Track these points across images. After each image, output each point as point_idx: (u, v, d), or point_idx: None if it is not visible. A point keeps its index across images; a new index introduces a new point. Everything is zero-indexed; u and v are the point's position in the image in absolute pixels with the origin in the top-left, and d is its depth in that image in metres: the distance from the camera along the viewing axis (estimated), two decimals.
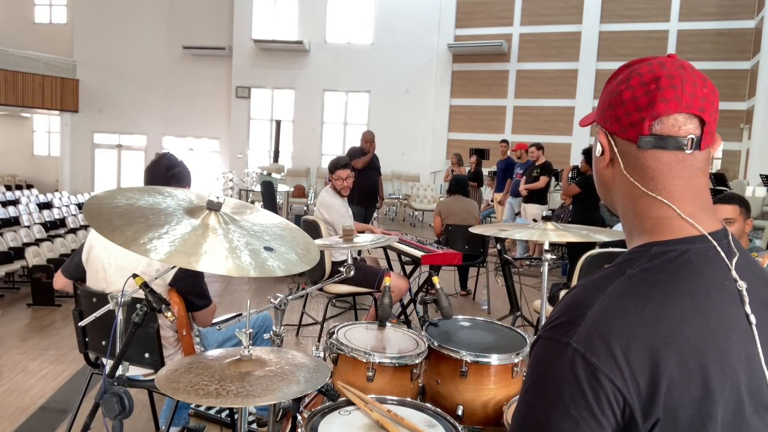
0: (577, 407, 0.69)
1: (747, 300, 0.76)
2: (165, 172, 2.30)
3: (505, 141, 9.13)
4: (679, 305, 0.72)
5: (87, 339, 2.28)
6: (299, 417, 1.59)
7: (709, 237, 0.77)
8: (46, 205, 11.05)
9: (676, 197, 0.78)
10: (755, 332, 0.75)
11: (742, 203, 2.56)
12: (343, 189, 4.22)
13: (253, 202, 3.21)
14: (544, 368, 0.73)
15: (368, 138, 6.25)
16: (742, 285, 0.76)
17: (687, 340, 0.70)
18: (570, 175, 6.91)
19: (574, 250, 5.49)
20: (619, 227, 0.95)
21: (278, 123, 12.61)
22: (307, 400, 1.93)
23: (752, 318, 0.75)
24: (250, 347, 1.51)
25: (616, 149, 0.81)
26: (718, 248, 0.78)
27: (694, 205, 0.79)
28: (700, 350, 0.70)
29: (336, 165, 4.23)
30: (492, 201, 9.57)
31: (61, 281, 2.32)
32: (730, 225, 2.53)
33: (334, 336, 2.01)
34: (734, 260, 0.77)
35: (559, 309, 0.76)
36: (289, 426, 1.85)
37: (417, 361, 1.92)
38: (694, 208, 0.78)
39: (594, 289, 0.75)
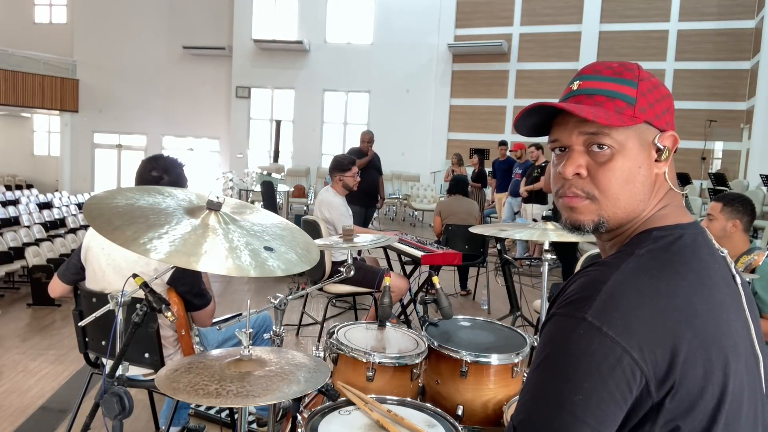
0: (591, 381, 0.70)
1: (738, 279, 0.83)
2: (153, 181, 2.22)
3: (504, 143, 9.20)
4: (688, 280, 0.75)
5: (87, 339, 2.28)
6: (299, 417, 1.59)
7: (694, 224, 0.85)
8: (46, 205, 11.05)
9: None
10: (741, 291, 0.82)
11: (730, 203, 2.55)
12: (355, 184, 4.34)
13: (253, 202, 3.21)
14: (558, 343, 0.74)
15: (366, 138, 6.27)
16: (724, 251, 0.84)
17: (699, 313, 0.73)
18: None
19: (562, 250, 5.49)
20: None
21: (278, 123, 12.60)
22: (307, 400, 1.93)
23: (738, 278, 0.83)
24: (250, 347, 1.51)
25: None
26: (708, 234, 0.85)
27: None
28: (711, 322, 0.74)
29: (351, 162, 4.36)
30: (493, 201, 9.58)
31: (58, 288, 2.24)
32: (710, 221, 2.56)
33: (334, 336, 2.01)
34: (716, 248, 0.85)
35: (574, 288, 0.78)
36: (289, 426, 1.85)
37: (417, 361, 1.92)
38: None
39: (608, 267, 0.77)
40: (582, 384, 0.70)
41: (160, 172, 2.23)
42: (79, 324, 2.12)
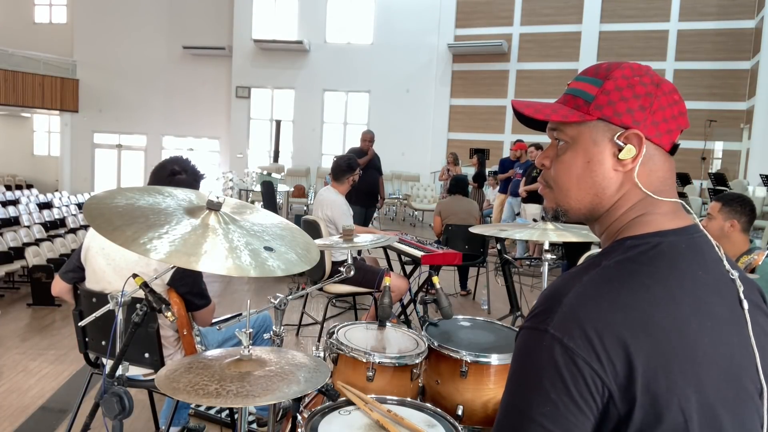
0: (557, 392, 0.70)
1: (740, 287, 0.79)
2: (167, 176, 2.25)
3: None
4: (651, 292, 0.74)
5: (87, 339, 2.28)
6: (299, 417, 1.59)
7: (698, 227, 0.83)
8: (46, 205, 11.06)
9: (674, 197, 0.83)
10: (748, 318, 0.78)
11: (728, 203, 2.56)
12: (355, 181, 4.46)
13: (253, 202, 3.21)
14: (525, 356, 0.75)
15: (367, 138, 6.29)
16: (734, 274, 0.80)
17: (660, 325, 0.72)
18: None
19: (572, 250, 5.49)
20: None
21: (278, 123, 12.61)
22: (307, 400, 1.93)
23: (745, 303, 0.79)
24: (250, 347, 1.51)
25: (643, 153, 0.80)
26: (710, 238, 0.82)
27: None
28: (673, 335, 0.72)
29: (356, 161, 4.49)
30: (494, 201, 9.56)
31: (59, 286, 2.27)
32: (709, 221, 2.58)
33: (334, 336, 2.01)
34: (715, 252, 0.81)
35: (539, 301, 0.79)
36: (289, 426, 1.85)
37: (417, 361, 1.92)
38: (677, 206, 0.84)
39: (571, 279, 0.78)
40: (549, 395, 0.70)
41: (180, 167, 2.29)
42: (79, 324, 2.12)
